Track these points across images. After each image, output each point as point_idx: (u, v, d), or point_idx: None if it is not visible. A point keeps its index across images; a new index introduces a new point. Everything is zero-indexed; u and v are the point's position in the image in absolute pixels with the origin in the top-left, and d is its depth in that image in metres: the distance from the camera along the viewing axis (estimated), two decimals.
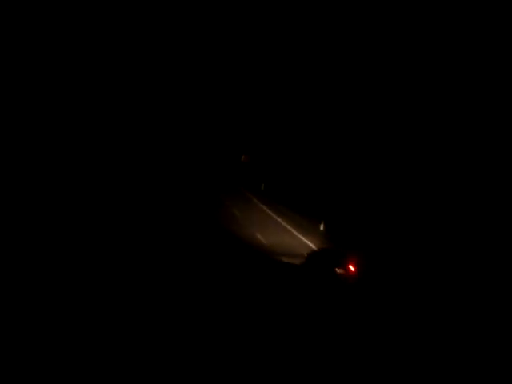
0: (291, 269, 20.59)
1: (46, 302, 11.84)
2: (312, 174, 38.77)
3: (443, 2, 32.40)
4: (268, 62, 47.90)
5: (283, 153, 45.03)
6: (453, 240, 24.08)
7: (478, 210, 25.58)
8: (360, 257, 20.04)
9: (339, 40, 39.77)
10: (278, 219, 31.63)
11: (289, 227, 29.68)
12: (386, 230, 27.06)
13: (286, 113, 46.82)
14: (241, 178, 45.02)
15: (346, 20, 38.77)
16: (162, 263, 18.47)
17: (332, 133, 39.90)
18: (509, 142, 27.38)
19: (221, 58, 49.90)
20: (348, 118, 38.70)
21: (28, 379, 8.22)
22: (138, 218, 25.24)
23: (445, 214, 26.34)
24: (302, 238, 27.31)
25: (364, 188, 32.98)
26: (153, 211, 27.40)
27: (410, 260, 22.51)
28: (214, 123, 52.06)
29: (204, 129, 51.68)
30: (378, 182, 32.38)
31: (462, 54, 31.16)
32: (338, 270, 19.23)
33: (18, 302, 11.51)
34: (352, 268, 19.18)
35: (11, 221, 19.20)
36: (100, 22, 36.52)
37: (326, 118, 41.25)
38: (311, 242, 26.07)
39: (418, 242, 24.76)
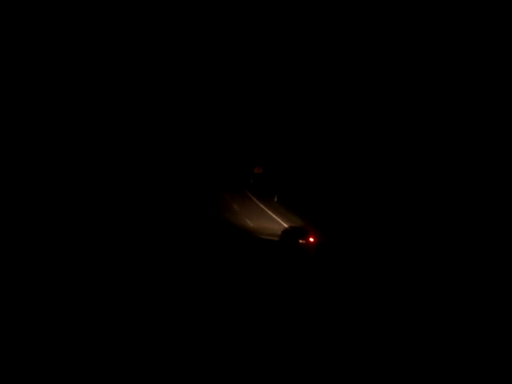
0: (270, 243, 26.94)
1: (46, 302, 11.76)
2: (325, 185, 40.36)
3: (443, 1, 33.11)
4: (285, 74, 48.63)
5: (297, 164, 46.10)
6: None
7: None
8: (319, 232, 26.07)
9: (353, 51, 40.61)
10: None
11: None
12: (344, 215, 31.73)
13: (301, 124, 47.76)
14: (254, 189, 46.82)
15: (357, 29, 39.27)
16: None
17: (346, 145, 41.03)
18: (509, 142, 28.02)
19: (239, 70, 50.79)
20: (364, 132, 39.49)
21: (28, 379, 8.21)
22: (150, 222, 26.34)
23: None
24: None
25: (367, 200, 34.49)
26: (164, 216, 29.01)
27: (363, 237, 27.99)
28: (227, 134, 53.59)
29: (217, 139, 53.23)
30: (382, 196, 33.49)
31: (462, 54, 31.98)
32: (300, 241, 25.32)
33: (18, 302, 11.39)
34: (311, 239, 25.24)
35: (11, 221, 19.27)
36: (100, 22, 35.11)
37: (341, 131, 42.29)
38: None
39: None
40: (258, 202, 43.27)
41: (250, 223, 34.23)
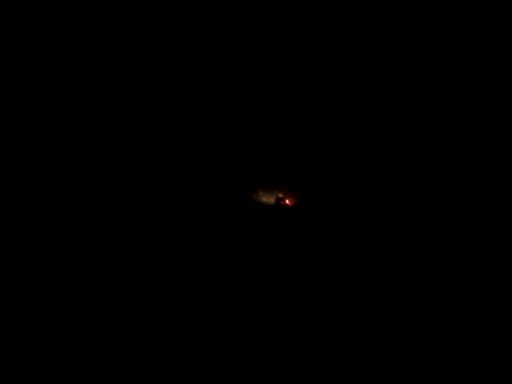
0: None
1: (46, 302, 11.57)
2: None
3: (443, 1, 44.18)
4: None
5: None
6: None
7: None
8: (298, 199, 44.94)
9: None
10: None
11: None
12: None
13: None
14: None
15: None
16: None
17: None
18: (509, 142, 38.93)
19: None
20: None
21: (28, 379, 9.09)
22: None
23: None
24: None
25: None
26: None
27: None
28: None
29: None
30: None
31: (462, 53, 42.85)
32: (281, 202, 44.47)
33: (18, 302, 11.12)
34: (287, 201, 44.33)
35: (11, 221, 26.20)
36: (100, 22, 46.47)
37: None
38: None
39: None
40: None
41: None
